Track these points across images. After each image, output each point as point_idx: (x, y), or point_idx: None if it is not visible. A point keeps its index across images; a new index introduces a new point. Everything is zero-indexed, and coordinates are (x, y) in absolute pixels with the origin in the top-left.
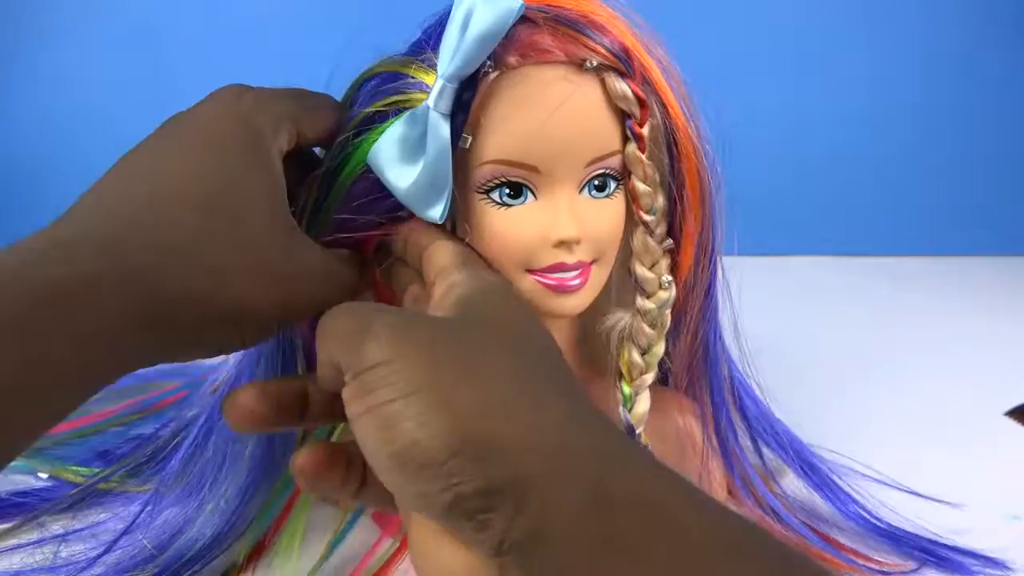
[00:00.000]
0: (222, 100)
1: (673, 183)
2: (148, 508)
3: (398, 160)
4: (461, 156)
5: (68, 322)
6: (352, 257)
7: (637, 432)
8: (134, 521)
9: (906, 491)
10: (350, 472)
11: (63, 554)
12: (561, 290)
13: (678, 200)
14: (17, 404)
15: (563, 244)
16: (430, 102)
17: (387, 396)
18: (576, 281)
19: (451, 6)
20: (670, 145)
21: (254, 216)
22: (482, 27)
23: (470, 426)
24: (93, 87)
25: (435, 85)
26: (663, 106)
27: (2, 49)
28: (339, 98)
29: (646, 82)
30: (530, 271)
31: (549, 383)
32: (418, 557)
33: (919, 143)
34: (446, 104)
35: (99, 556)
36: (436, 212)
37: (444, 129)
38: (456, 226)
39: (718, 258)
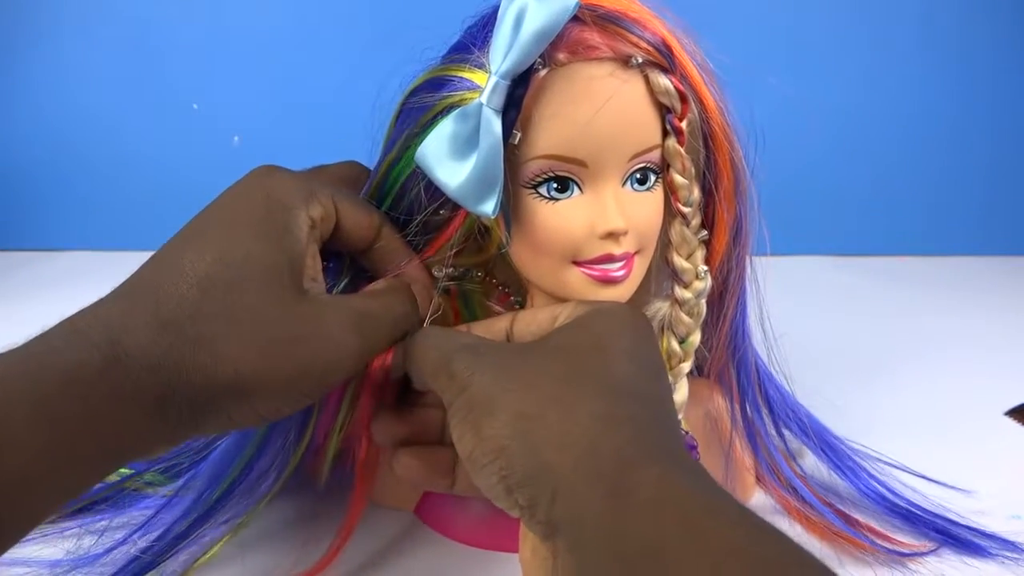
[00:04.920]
0: (251, 175)
1: (708, 175)
2: (167, 506)
3: (448, 157)
4: (509, 152)
5: (87, 405)
6: (391, 286)
7: (679, 418)
8: (154, 515)
9: (918, 476)
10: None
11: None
12: (606, 281)
13: (714, 191)
14: (35, 483)
15: (611, 236)
16: (483, 99)
17: (461, 416)
18: (621, 272)
19: (493, 5)
20: (705, 137)
21: (252, 286)
22: (538, 24)
23: (510, 430)
24: (92, 89)
25: (488, 82)
26: (698, 99)
27: (2, 49)
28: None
29: (683, 76)
30: (576, 263)
31: (594, 387)
32: (520, 549)
33: (919, 143)
34: (499, 100)
35: (111, 549)
36: (488, 207)
37: (496, 125)
38: (507, 221)
39: (748, 248)
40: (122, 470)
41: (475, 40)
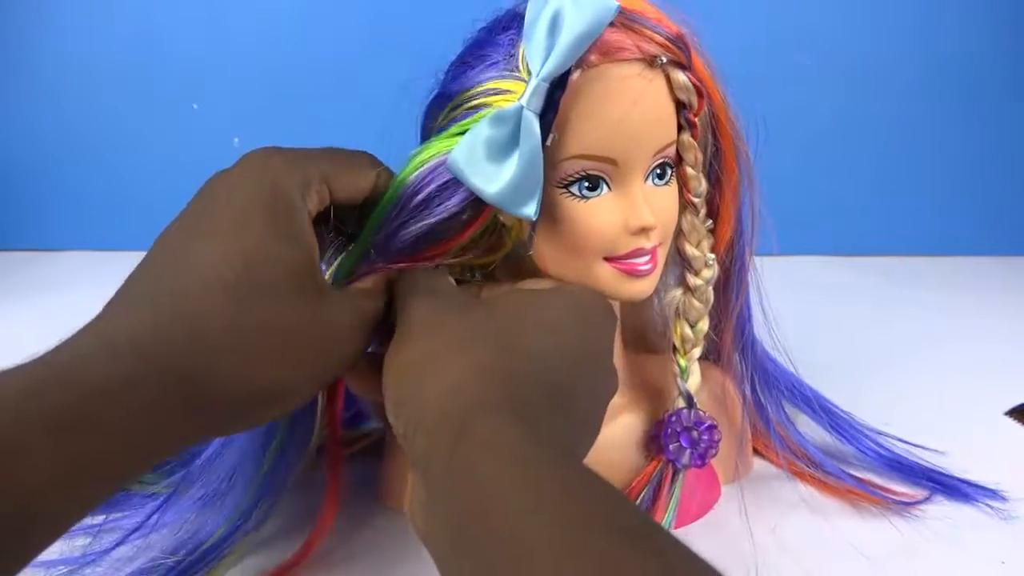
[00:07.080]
0: (251, 166)
1: (716, 165)
2: (161, 508)
3: (485, 161)
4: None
5: (110, 418)
6: (378, 286)
7: (695, 400)
8: (148, 518)
9: (907, 443)
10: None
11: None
12: (635, 275)
13: (721, 181)
14: (59, 495)
15: (643, 231)
16: (523, 101)
17: (394, 340)
18: (648, 265)
19: (506, 8)
20: (713, 129)
21: (282, 293)
22: (581, 28)
23: (413, 362)
24: (92, 88)
25: (528, 85)
26: (708, 93)
27: (3, 49)
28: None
29: (695, 72)
30: (608, 259)
31: (494, 343)
32: None
33: (919, 143)
34: (538, 103)
35: (109, 550)
36: (531, 209)
37: (537, 127)
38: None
39: (750, 237)
40: None
41: (498, 44)
